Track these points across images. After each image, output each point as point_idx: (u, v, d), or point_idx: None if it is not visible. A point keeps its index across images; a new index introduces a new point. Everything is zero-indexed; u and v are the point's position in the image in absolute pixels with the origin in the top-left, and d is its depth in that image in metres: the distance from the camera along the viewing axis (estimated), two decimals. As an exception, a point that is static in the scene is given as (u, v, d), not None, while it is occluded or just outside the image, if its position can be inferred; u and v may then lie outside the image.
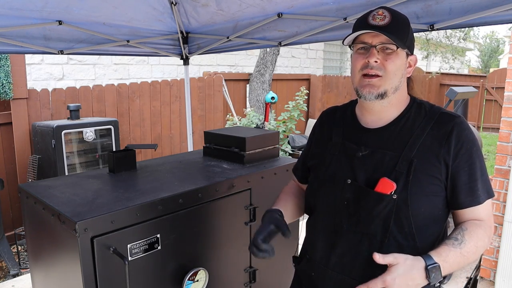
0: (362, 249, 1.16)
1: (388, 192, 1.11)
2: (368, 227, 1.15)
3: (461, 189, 1.12)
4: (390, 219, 1.12)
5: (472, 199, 1.13)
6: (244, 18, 2.68)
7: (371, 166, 1.17)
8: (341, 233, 1.20)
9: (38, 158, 3.85)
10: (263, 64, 6.81)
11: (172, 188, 1.59)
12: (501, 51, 25.33)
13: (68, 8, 2.43)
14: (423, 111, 1.20)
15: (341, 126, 1.31)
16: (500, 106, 10.61)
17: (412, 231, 1.12)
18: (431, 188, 1.12)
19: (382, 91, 1.15)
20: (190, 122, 3.69)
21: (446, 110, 1.19)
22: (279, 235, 1.28)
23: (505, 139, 2.87)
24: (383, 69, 1.13)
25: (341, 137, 1.28)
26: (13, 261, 3.53)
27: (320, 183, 1.29)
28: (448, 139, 1.12)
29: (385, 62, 1.13)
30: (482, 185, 1.13)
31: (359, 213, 1.16)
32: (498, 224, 2.91)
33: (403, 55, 1.16)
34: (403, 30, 1.15)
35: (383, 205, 1.12)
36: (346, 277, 1.19)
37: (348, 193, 1.19)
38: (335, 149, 1.27)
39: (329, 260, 1.23)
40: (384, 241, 1.13)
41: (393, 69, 1.14)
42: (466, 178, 1.12)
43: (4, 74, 3.76)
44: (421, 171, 1.12)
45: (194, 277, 1.57)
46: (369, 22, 1.15)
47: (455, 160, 1.11)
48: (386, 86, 1.15)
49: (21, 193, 1.68)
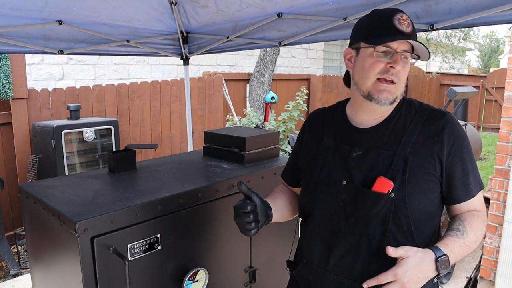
0: (361, 250, 1.16)
1: (385, 191, 1.11)
2: (367, 227, 1.14)
3: (456, 184, 1.15)
4: (389, 218, 1.12)
5: (466, 193, 1.16)
6: (244, 18, 2.68)
7: (366, 166, 1.17)
8: (339, 235, 1.19)
9: (38, 158, 3.85)
10: (263, 64, 6.81)
11: (172, 188, 1.59)
12: (501, 51, 25.34)
13: (68, 8, 2.43)
14: (413, 108, 1.21)
15: (331, 127, 1.30)
16: (500, 106, 10.61)
17: (410, 229, 1.12)
18: (427, 185, 1.13)
19: (395, 97, 1.16)
20: (190, 122, 3.69)
21: (434, 107, 1.21)
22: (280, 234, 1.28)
23: (505, 139, 2.87)
24: (398, 77, 1.13)
25: (333, 138, 1.27)
26: (13, 261, 3.53)
27: (314, 185, 1.27)
28: (441, 135, 1.13)
29: (402, 70, 1.13)
30: (474, 179, 1.16)
31: (357, 214, 1.16)
32: (498, 224, 2.91)
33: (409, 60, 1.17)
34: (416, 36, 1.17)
35: (381, 204, 1.12)
36: (346, 279, 1.19)
37: (344, 194, 1.18)
38: (327, 150, 1.26)
39: (327, 263, 1.22)
40: (383, 240, 1.12)
41: (405, 77, 1.17)
42: (460, 173, 1.14)
43: (4, 74, 3.77)
44: (417, 168, 1.12)
45: (194, 277, 1.57)
46: (396, 27, 1.11)
47: (449, 156, 1.13)
48: (398, 93, 1.16)
49: (21, 193, 1.68)
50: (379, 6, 1.99)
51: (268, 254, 1.97)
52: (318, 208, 1.26)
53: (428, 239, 1.17)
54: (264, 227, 1.85)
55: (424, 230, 1.15)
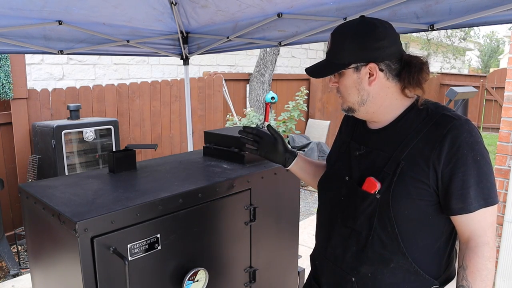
0: (351, 244, 1.22)
1: (372, 191, 1.14)
2: (355, 223, 1.20)
3: (452, 195, 1.07)
4: (374, 217, 1.15)
5: (462, 207, 1.07)
6: (244, 18, 2.68)
7: (365, 165, 1.22)
8: (335, 227, 1.28)
9: (38, 158, 3.85)
10: (263, 64, 6.81)
11: (172, 188, 1.59)
12: (501, 51, 25.34)
13: (68, 8, 2.43)
14: (425, 112, 1.15)
15: (353, 126, 1.36)
16: (500, 106, 10.61)
17: (395, 232, 1.13)
18: (417, 192, 1.10)
19: (345, 107, 1.24)
20: (190, 122, 3.69)
21: (450, 112, 1.13)
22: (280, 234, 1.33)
23: (505, 139, 2.87)
24: (339, 91, 1.23)
25: (350, 137, 1.34)
26: (13, 261, 3.53)
27: (326, 178, 1.39)
28: (441, 143, 1.07)
29: (338, 85, 1.22)
30: (477, 193, 1.06)
31: (349, 209, 1.23)
32: (498, 224, 2.90)
33: (350, 72, 1.17)
34: (339, 49, 1.18)
35: (367, 203, 1.16)
36: (338, 268, 1.27)
37: (344, 189, 1.26)
38: (342, 147, 1.35)
39: (326, 251, 1.32)
40: (369, 238, 1.17)
41: (344, 89, 1.21)
42: (459, 184, 1.06)
43: (4, 74, 3.77)
44: (408, 173, 1.10)
45: (194, 277, 1.57)
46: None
47: (448, 165, 1.06)
48: (348, 103, 1.22)
49: (21, 193, 1.68)
50: (379, 6, 1.99)
51: (268, 254, 1.97)
52: (325, 198, 1.37)
53: (426, 250, 1.15)
54: (264, 227, 1.86)
55: (415, 238, 1.13)
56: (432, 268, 1.16)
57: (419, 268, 1.14)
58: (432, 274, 1.16)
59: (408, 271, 1.14)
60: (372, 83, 1.16)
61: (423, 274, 1.14)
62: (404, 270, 1.15)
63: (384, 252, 1.15)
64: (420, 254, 1.14)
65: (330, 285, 1.32)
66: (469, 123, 1.10)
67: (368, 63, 1.14)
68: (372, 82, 1.16)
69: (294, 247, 2.16)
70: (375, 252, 1.16)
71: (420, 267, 1.14)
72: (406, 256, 1.13)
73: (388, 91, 1.17)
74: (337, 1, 2.18)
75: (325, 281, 1.34)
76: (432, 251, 1.16)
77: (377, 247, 1.16)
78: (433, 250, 1.16)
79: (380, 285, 1.18)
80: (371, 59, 1.14)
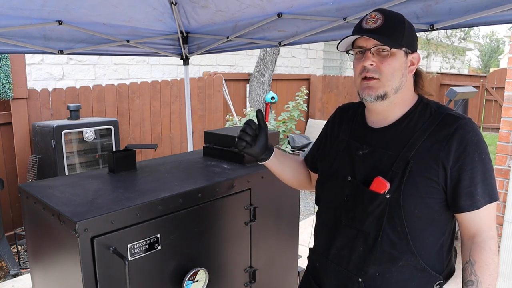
0: (357, 244, 1.20)
1: (381, 191, 1.13)
2: (363, 223, 1.18)
3: (461, 192, 1.10)
4: (383, 217, 1.14)
5: (471, 204, 1.10)
6: (244, 18, 2.68)
7: (370, 164, 1.20)
8: (340, 228, 1.25)
9: (38, 158, 3.85)
10: (263, 64, 6.81)
11: (172, 188, 1.59)
12: (501, 51, 25.34)
13: (68, 7, 2.43)
14: (429, 112, 1.18)
15: (350, 124, 1.34)
16: (500, 106, 10.61)
17: (405, 230, 1.13)
18: (427, 190, 1.12)
19: (381, 93, 1.15)
20: (190, 122, 3.69)
21: (452, 112, 1.16)
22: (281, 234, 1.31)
23: (505, 139, 2.87)
24: (379, 72, 1.14)
25: (348, 135, 1.31)
26: (13, 261, 3.53)
27: (325, 178, 1.36)
28: (449, 142, 1.10)
29: (381, 65, 1.14)
30: (483, 189, 1.10)
31: (355, 210, 1.20)
32: (498, 224, 2.91)
33: (401, 54, 1.15)
34: (397, 30, 1.14)
35: (377, 203, 1.14)
36: (343, 270, 1.24)
37: (348, 189, 1.23)
38: (340, 146, 1.32)
39: (329, 252, 1.28)
40: (378, 238, 1.15)
41: (390, 71, 1.14)
42: (467, 182, 1.09)
43: (4, 74, 3.77)
44: (417, 172, 1.11)
45: (194, 277, 1.57)
46: (362, 26, 1.16)
47: (456, 163, 1.09)
48: (386, 88, 1.15)
49: (21, 193, 1.68)
50: (379, 6, 1.99)
51: (268, 254, 1.97)
52: (326, 199, 1.34)
53: (431, 246, 1.16)
54: (264, 227, 1.85)
55: (423, 235, 1.14)
56: (436, 264, 1.17)
57: (425, 265, 1.15)
58: (437, 269, 1.17)
59: (415, 268, 1.15)
60: (411, 73, 1.21)
61: (429, 270, 1.15)
62: (411, 267, 1.15)
63: (393, 251, 1.15)
64: (427, 251, 1.15)
65: (334, 287, 1.28)
66: (472, 122, 1.14)
67: (414, 52, 1.19)
68: (411, 72, 1.20)
69: (294, 247, 2.16)
70: (384, 251, 1.16)
71: (426, 263, 1.15)
72: (414, 254, 1.14)
73: (411, 85, 1.23)
74: (337, 1, 2.18)
75: (329, 283, 1.30)
76: (436, 247, 1.17)
77: (386, 247, 1.15)
78: (438, 246, 1.17)
79: (387, 284, 1.17)
80: (415, 49, 1.20)
